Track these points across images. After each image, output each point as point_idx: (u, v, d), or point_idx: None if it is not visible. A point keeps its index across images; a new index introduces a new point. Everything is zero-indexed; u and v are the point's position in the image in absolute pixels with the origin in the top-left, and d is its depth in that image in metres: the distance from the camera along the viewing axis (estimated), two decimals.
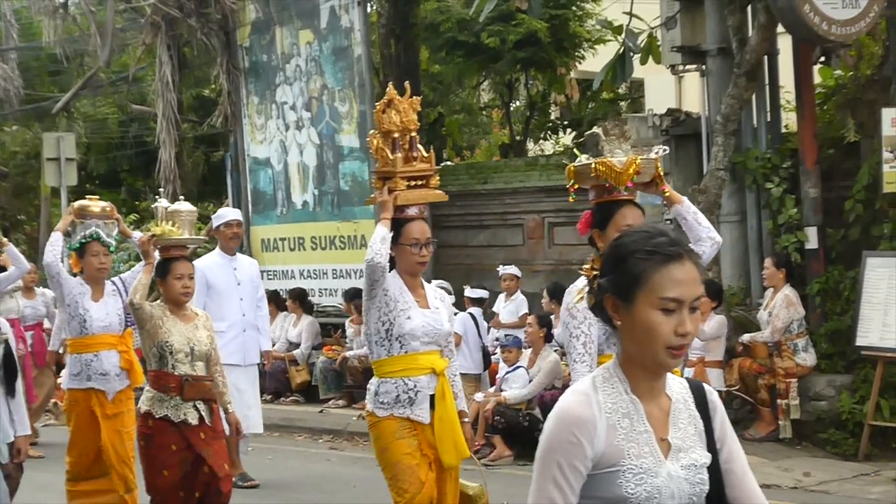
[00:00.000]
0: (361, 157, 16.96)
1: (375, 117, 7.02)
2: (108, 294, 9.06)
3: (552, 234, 16.31)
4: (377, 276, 6.52)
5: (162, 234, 7.89)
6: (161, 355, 7.63)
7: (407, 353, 6.62)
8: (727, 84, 12.80)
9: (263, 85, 18.33)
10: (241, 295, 11.34)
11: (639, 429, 3.23)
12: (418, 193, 6.86)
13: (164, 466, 7.54)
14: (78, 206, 9.08)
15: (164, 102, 19.26)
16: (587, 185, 6.03)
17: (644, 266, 3.18)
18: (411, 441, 6.57)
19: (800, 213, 12.64)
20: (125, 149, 24.75)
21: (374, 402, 6.68)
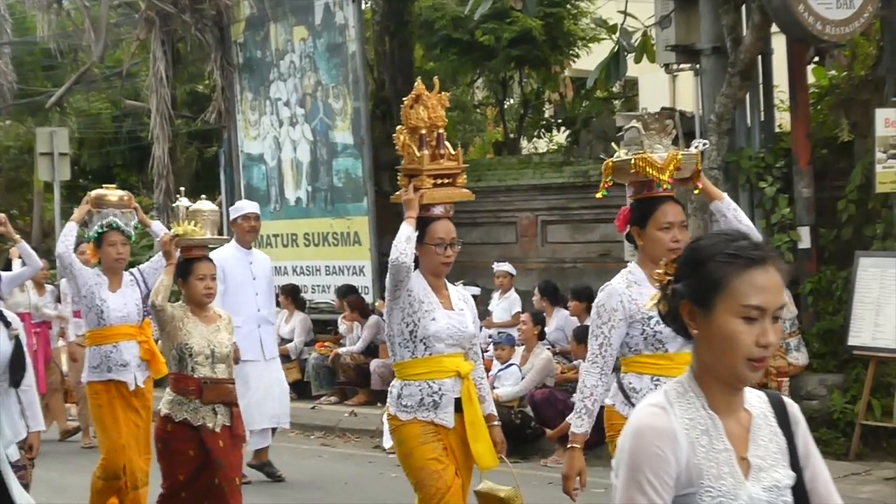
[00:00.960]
0: (355, 154, 16.96)
1: (403, 113, 6.83)
2: (126, 284, 8.90)
3: (545, 232, 16.32)
4: (402, 277, 6.34)
5: (184, 234, 7.75)
6: (181, 357, 7.50)
7: (431, 355, 6.43)
8: (721, 83, 12.81)
9: (257, 81, 18.32)
10: (256, 290, 11.26)
11: (718, 447, 3.01)
12: (444, 192, 6.68)
13: (179, 471, 7.47)
14: (95, 196, 8.92)
15: (157, 98, 19.25)
16: (625, 180, 5.93)
17: (725, 271, 2.99)
18: (436, 445, 6.40)
19: (793, 213, 12.65)
20: (118, 144, 24.73)
21: (397, 406, 6.49)
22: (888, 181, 11.69)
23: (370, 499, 10.56)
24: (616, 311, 5.69)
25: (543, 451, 12.31)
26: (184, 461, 7.43)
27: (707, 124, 13.06)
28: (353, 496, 10.68)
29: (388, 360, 14.66)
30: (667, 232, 5.75)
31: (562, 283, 14.63)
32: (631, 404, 5.64)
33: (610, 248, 15.18)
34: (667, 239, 5.73)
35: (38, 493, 7.22)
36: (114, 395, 8.68)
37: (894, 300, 11.40)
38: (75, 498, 10.04)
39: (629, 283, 5.76)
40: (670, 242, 5.71)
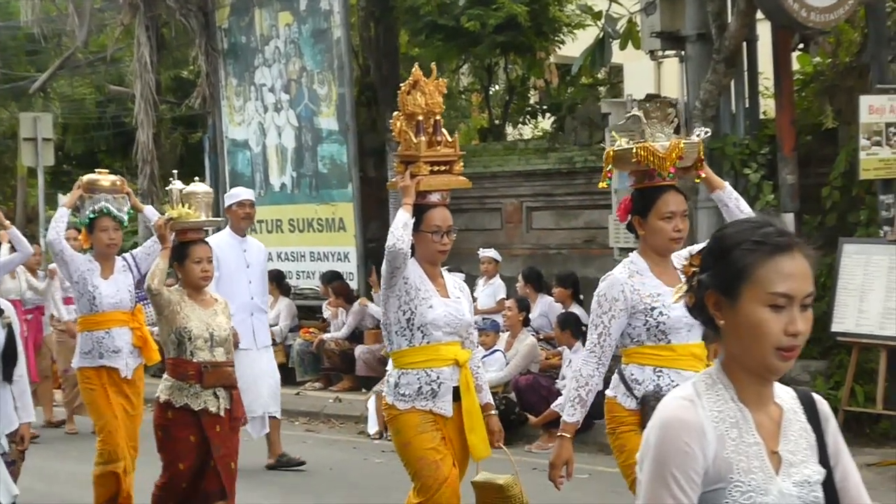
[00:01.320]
0: (340, 140, 16.95)
1: (399, 99, 6.71)
2: (119, 270, 8.81)
3: (530, 218, 16.32)
4: (399, 263, 6.27)
5: (178, 218, 7.66)
6: (179, 342, 7.42)
7: (429, 343, 6.37)
8: (706, 70, 12.81)
9: (242, 67, 18.28)
10: (249, 277, 11.17)
11: (748, 440, 2.95)
12: (441, 179, 6.60)
13: (180, 459, 7.38)
14: (87, 181, 8.80)
15: (141, 83, 19.20)
16: (626, 169, 5.88)
17: (750, 258, 2.93)
18: (435, 435, 6.34)
19: (777, 200, 12.67)
20: (103, 129, 24.65)
21: (394, 395, 6.41)
22: (872, 168, 11.72)
23: (355, 484, 10.57)
24: (617, 301, 5.65)
25: (528, 437, 12.33)
26: (186, 449, 7.35)
27: (692, 111, 13.07)
28: (338, 482, 10.68)
29: (372, 346, 14.68)
30: (668, 221, 5.72)
31: (547, 270, 14.64)
32: (633, 396, 5.60)
33: (595, 235, 15.19)
34: (668, 229, 5.70)
35: (21, 479, 7.21)
36: (105, 382, 8.60)
37: (878, 287, 11.43)
38: (59, 485, 10.04)
39: (631, 272, 5.73)
40: (672, 232, 5.70)
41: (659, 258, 5.76)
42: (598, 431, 12.17)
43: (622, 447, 5.67)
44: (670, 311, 5.54)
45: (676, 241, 5.73)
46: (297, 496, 10.18)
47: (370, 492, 10.18)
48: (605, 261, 14.73)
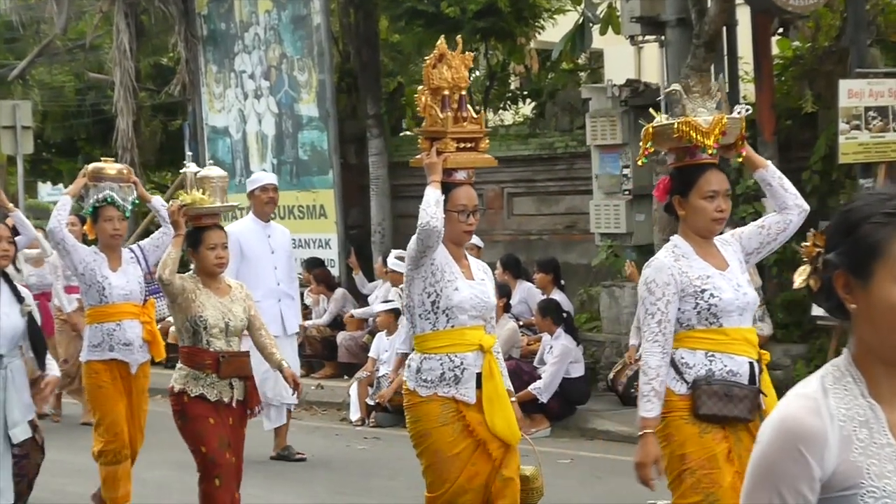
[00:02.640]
0: (321, 127, 16.94)
1: (424, 73, 6.44)
2: (127, 262, 8.51)
3: (511, 204, 16.33)
4: (432, 242, 6.02)
5: (192, 203, 7.37)
6: (195, 330, 7.19)
7: (454, 327, 6.14)
8: (686, 55, 12.82)
9: (222, 53, 18.24)
10: (275, 263, 10.91)
11: (880, 441, 2.61)
12: (468, 157, 6.36)
13: (201, 442, 7.13)
14: (91, 169, 8.50)
15: (121, 70, 19.14)
16: (665, 147, 5.63)
17: (882, 233, 2.61)
18: (455, 427, 6.10)
19: (757, 184, 12.68)
20: (82, 117, 24.55)
21: (415, 380, 6.18)
22: (851, 152, 11.75)
23: (337, 471, 10.57)
24: (669, 286, 5.38)
25: None
26: (206, 429, 7.12)
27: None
28: (320, 468, 10.68)
29: (354, 333, 14.68)
30: (711, 201, 5.47)
31: (528, 256, 14.65)
32: (684, 380, 5.36)
33: (576, 220, 15.20)
34: (711, 208, 5.47)
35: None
36: (116, 376, 8.31)
37: None
38: (67, 475, 9.93)
39: (676, 256, 5.48)
40: (714, 212, 5.47)
41: (702, 240, 5.53)
42: (580, 417, 12.21)
43: (670, 437, 5.39)
44: (721, 293, 5.38)
45: (719, 221, 5.51)
46: (280, 483, 10.17)
47: (352, 478, 10.18)
48: (587, 246, 14.77)
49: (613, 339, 13.78)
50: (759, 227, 5.66)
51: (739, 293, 5.42)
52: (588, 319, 14.50)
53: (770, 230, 5.65)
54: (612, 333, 13.84)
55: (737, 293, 5.40)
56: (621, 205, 14.04)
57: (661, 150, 5.68)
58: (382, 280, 15.01)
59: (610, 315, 13.90)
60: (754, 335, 5.52)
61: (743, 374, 5.37)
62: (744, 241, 5.63)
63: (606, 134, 13.96)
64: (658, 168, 12.93)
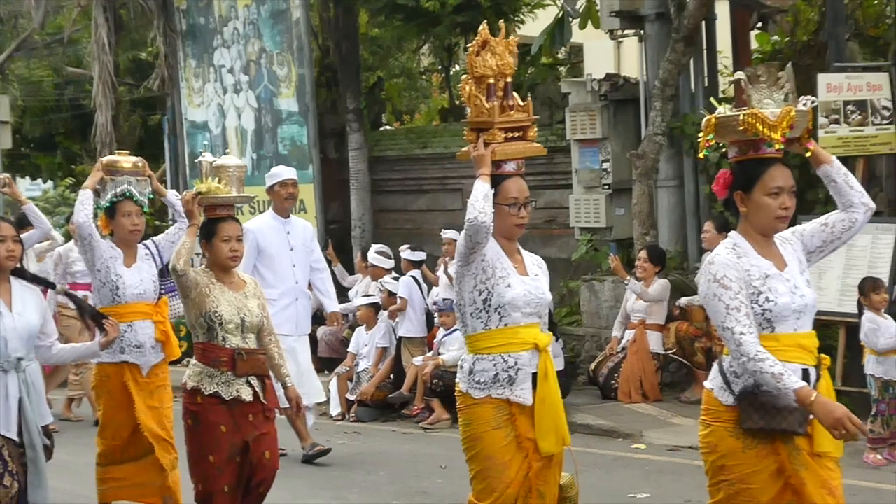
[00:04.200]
0: (300, 121, 16.91)
1: (468, 61, 6.15)
2: (141, 259, 8.22)
3: None
4: (480, 238, 5.77)
5: (207, 192, 7.13)
6: (209, 326, 6.94)
7: (507, 326, 5.87)
8: (665, 49, 12.86)
9: (201, 48, 18.19)
10: (293, 261, 10.57)
11: None
12: (517, 147, 6.06)
13: (210, 451, 6.88)
14: (107, 162, 8.23)
15: (100, 65, 19.07)
16: (728, 139, 5.30)
17: None
18: (508, 432, 5.84)
19: None
20: (61, 112, 24.49)
21: (468, 382, 5.92)
22: (830, 146, 11.77)
23: (317, 466, 10.56)
24: (739, 279, 5.08)
25: None
26: (216, 438, 6.87)
27: (651, 90, 13.12)
28: (301, 464, 10.66)
29: (335, 328, 14.66)
30: (775, 198, 5.17)
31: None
32: (731, 391, 5.08)
33: (555, 215, 15.21)
34: (775, 205, 5.16)
35: None
36: (128, 378, 8.02)
37: (836, 264, 11.50)
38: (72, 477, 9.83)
39: (738, 254, 5.18)
40: (779, 210, 5.17)
41: (762, 239, 5.23)
42: None
43: (714, 446, 5.14)
44: (778, 297, 5.07)
45: (783, 219, 5.21)
46: None
47: (333, 473, 10.18)
48: (566, 241, 14.78)
49: (594, 333, 13.80)
50: (822, 224, 5.36)
51: (796, 296, 5.12)
52: (568, 314, 14.51)
53: (834, 228, 5.34)
54: (593, 327, 13.86)
55: (793, 296, 5.11)
56: (601, 199, 14.07)
57: (723, 142, 5.36)
58: (362, 275, 15.00)
59: (590, 309, 13.93)
60: (812, 340, 5.21)
61: None
62: (805, 238, 5.34)
63: (586, 128, 13.98)
64: (637, 162, 12.97)
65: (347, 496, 9.29)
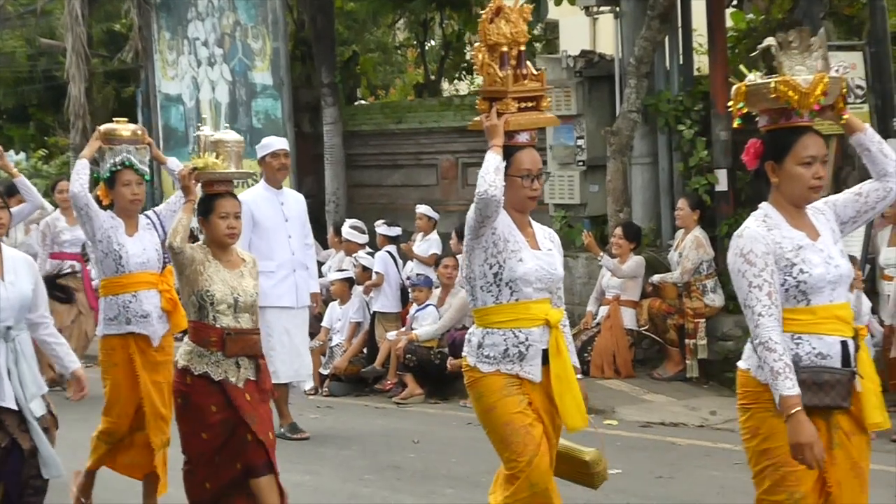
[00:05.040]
0: (275, 95, 16.87)
1: (481, 28, 5.94)
2: (143, 228, 8.02)
3: (466, 174, 16.32)
4: (490, 212, 5.62)
5: (204, 168, 6.94)
6: (201, 305, 6.77)
7: (518, 300, 5.77)
8: (641, 26, 12.85)
9: (175, 20, 18.11)
10: (289, 232, 10.43)
11: None
12: (530, 117, 5.89)
13: (202, 429, 6.72)
14: (105, 130, 7.99)
15: (73, 36, 18.96)
16: (759, 107, 5.14)
17: None
18: (522, 398, 5.72)
19: (710, 156, 12.77)
20: (34, 83, 24.34)
21: (476, 356, 5.79)
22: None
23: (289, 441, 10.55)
24: (769, 255, 4.95)
25: (462, 392, 12.34)
26: (206, 418, 6.71)
27: (626, 67, 13.13)
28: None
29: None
30: (808, 167, 5.00)
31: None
32: None
33: None
34: (808, 175, 5.00)
35: None
36: (133, 351, 7.87)
37: None
38: None
39: (769, 226, 5.06)
40: (812, 180, 5.01)
41: (794, 209, 5.09)
42: None
43: (755, 430, 5.01)
44: (812, 268, 4.93)
45: (816, 189, 5.05)
46: None
47: (305, 448, 10.19)
48: (540, 217, 14.70)
49: (567, 309, 13.80)
50: (855, 194, 5.18)
51: (831, 266, 4.97)
52: None
53: (868, 198, 5.15)
54: (566, 304, 13.85)
55: (828, 266, 4.96)
56: (575, 175, 14.08)
57: (754, 111, 5.18)
58: (335, 250, 14.99)
59: (564, 285, 13.93)
60: (847, 311, 5.03)
61: (834, 356, 4.91)
62: (838, 208, 5.16)
63: (561, 105, 13.97)
64: (612, 138, 12.98)
65: (319, 471, 9.31)
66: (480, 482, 8.78)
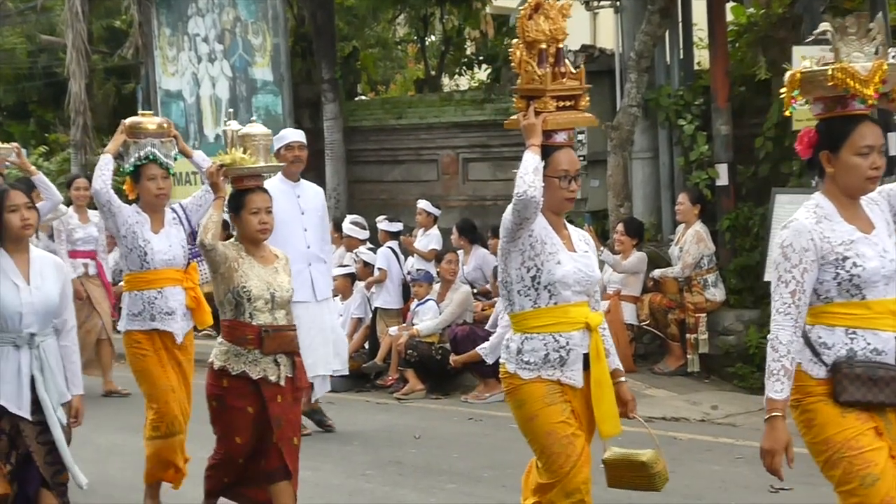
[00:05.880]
0: (275, 91, 16.87)
1: (519, 24, 5.78)
2: (169, 223, 7.92)
3: (466, 169, 16.33)
4: (529, 214, 5.46)
5: (232, 163, 6.82)
6: (237, 302, 6.64)
7: (557, 304, 5.58)
8: (641, 21, 12.84)
9: (175, 16, 18.10)
10: (304, 225, 10.16)
11: None
12: (568, 117, 5.74)
13: (235, 432, 6.67)
14: (130, 124, 7.87)
15: (73, 33, 18.97)
16: (814, 95, 4.98)
17: None
18: (564, 407, 5.56)
19: (711, 150, 12.76)
20: (34, 80, 24.35)
21: (516, 362, 5.61)
22: (805, 119, 11.75)
23: None
24: (808, 252, 4.81)
25: (464, 388, 12.39)
26: (242, 420, 6.65)
27: (627, 62, 13.12)
28: None
29: None
30: (865, 157, 4.84)
31: (483, 221, 14.66)
32: (822, 363, 4.83)
33: None
34: (865, 165, 4.84)
35: None
36: (159, 347, 7.79)
37: None
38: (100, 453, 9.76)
39: (818, 217, 4.87)
40: (869, 170, 4.85)
41: (848, 200, 4.92)
42: None
43: (810, 421, 4.87)
44: (866, 261, 4.80)
45: (873, 180, 4.90)
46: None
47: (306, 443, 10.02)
48: None
49: None
50: None
51: (885, 260, 4.84)
52: None
53: None
54: None
55: (882, 260, 4.83)
56: None
57: (808, 98, 5.03)
58: (336, 245, 14.99)
59: None
60: None
61: (889, 352, 4.79)
62: (892, 199, 5.02)
63: None
64: (612, 133, 12.97)
65: (321, 466, 9.30)
66: (482, 477, 8.80)
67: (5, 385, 6.04)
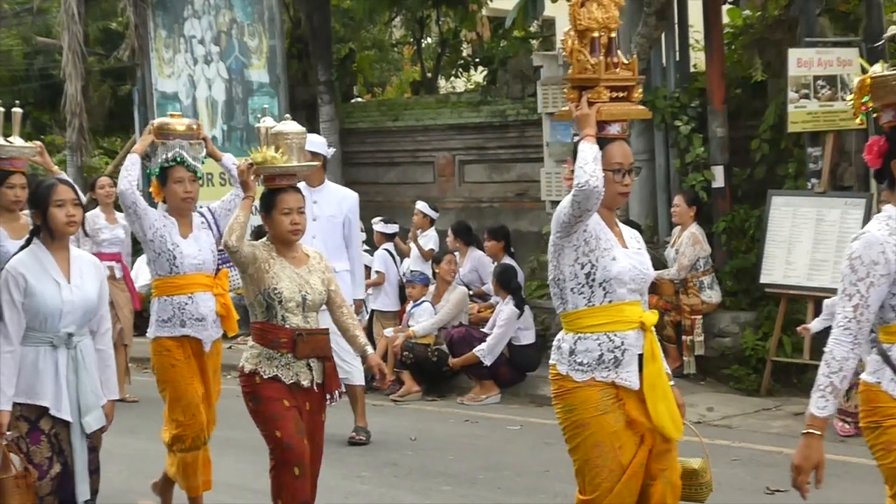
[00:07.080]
0: (271, 93, 16.86)
1: (570, 13, 5.60)
2: (198, 227, 7.71)
3: (462, 171, 16.32)
4: (591, 205, 5.23)
5: (263, 162, 6.62)
6: (269, 305, 6.50)
7: (612, 302, 5.38)
8: (637, 23, 12.84)
9: (171, 18, 18.09)
10: (314, 232, 9.65)
11: None
12: (622, 108, 5.54)
13: (275, 426, 6.48)
14: (158, 125, 7.68)
15: (69, 35, 18.93)
16: (886, 101, 4.65)
17: None
18: (618, 416, 5.32)
19: (707, 152, 12.76)
20: (30, 82, 24.30)
21: (569, 363, 5.38)
22: (800, 121, 11.81)
23: None
24: (877, 265, 4.52)
25: (460, 389, 12.39)
26: (280, 412, 6.47)
27: None
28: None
29: None
30: None
31: (479, 223, 14.66)
32: None
33: (527, 188, 15.23)
34: None
35: None
36: (189, 355, 7.57)
37: (805, 238, 11.56)
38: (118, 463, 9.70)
39: (892, 230, 4.57)
40: None
41: None
42: (529, 383, 12.26)
43: (889, 445, 4.55)
44: None
45: None
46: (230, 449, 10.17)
47: None
48: (537, 214, 14.79)
49: None
50: None
51: None
52: (538, 287, 14.53)
53: None
54: None
55: None
56: None
57: (878, 105, 4.70)
58: None
59: None
60: None
61: None
62: None
63: (558, 102, 13.96)
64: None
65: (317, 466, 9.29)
66: (477, 479, 8.81)
67: (46, 385, 5.99)
